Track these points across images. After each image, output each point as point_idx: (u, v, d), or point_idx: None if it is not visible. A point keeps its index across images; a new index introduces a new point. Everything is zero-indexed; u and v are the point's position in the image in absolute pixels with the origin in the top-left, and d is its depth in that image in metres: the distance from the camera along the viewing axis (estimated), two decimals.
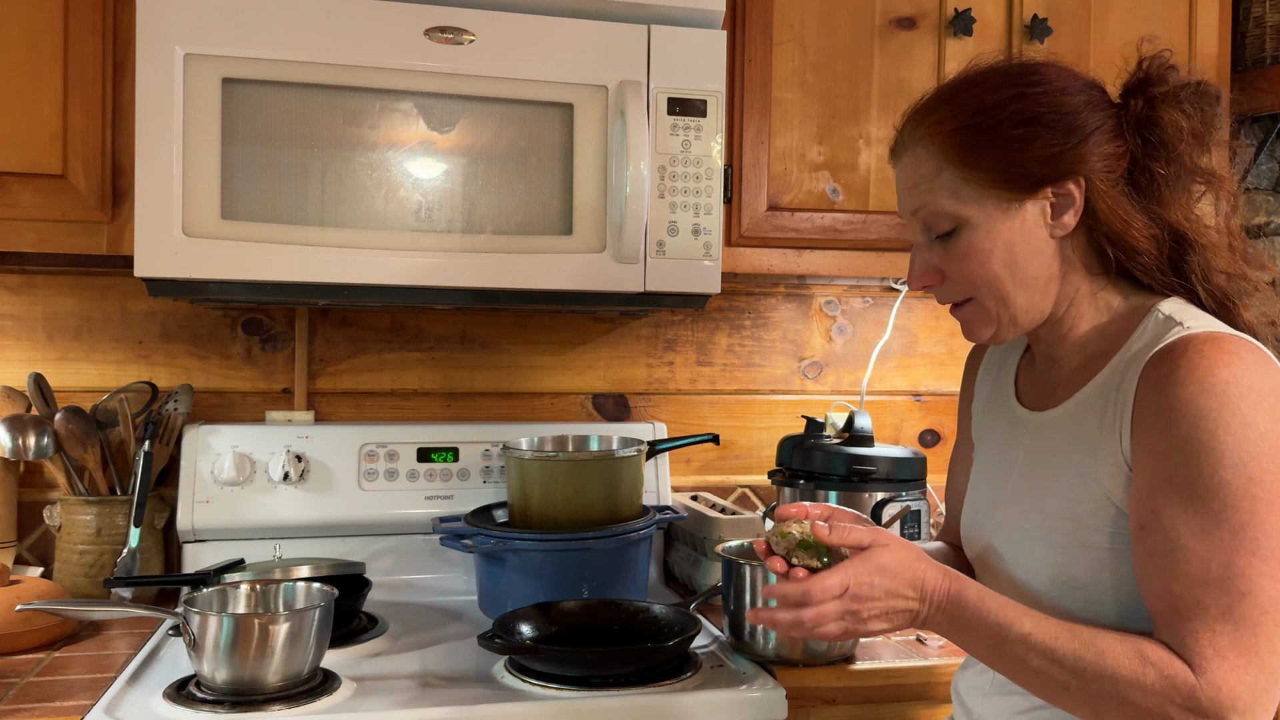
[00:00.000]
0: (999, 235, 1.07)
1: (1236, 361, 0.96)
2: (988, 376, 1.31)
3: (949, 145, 1.08)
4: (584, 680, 1.35)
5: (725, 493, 2.14)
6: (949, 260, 1.11)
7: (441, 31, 1.55)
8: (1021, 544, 1.12)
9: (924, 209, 1.11)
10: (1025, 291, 1.09)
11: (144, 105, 1.46)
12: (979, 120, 1.07)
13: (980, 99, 1.08)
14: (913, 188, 1.12)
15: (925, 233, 1.13)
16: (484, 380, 2.03)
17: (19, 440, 1.72)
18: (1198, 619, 0.94)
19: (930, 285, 1.14)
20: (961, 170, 1.07)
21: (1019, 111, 1.06)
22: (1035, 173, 1.05)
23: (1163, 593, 0.97)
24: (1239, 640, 0.92)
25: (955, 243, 1.09)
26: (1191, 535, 0.94)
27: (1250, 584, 0.92)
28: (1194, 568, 0.94)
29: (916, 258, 1.14)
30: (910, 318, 2.24)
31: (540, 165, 1.59)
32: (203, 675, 1.29)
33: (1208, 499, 0.94)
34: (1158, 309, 1.06)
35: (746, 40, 1.77)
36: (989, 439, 1.26)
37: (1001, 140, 1.06)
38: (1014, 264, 1.08)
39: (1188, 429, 0.95)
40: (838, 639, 1.08)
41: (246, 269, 1.50)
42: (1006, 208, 1.07)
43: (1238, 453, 0.93)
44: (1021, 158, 1.05)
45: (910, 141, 1.12)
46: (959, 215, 1.08)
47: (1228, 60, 1.97)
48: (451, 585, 1.86)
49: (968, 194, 1.07)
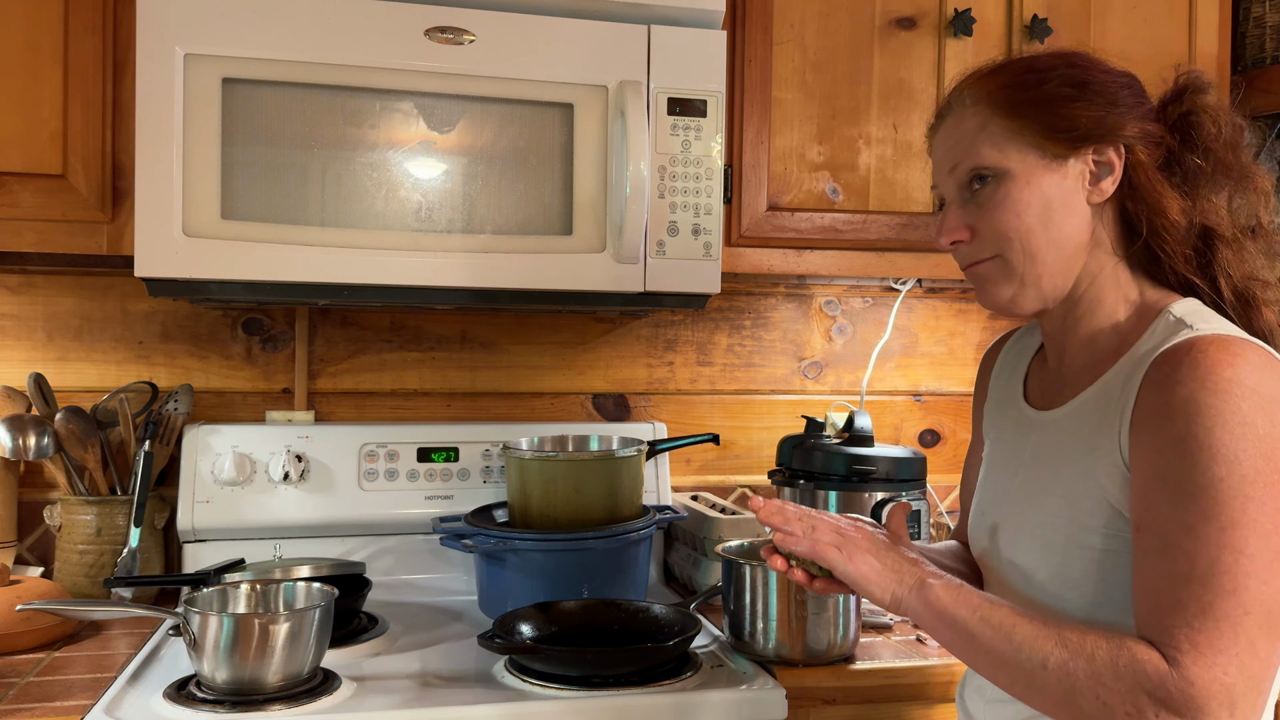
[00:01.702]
0: (1038, 188, 1.08)
1: (1241, 363, 0.95)
2: (1001, 376, 1.31)
3: (997, 99, 1.10)
4: (584, 680, 1.35)
5: (725, 493, 2.14)
6: (982, 214, 1.11)
7: (441, 31, 1.55)
8: (1020, 542, 1.13)
9: (963, 163, 1.11)
10: (1055, 251, 1.09)
11: (144, 105, 1.46)
12: (1029, 78, 1.10)
13: (1031, 63, 1.12)
14: (956, 143, 1.13)
15: (960, 190, 1.13)
16: (484, 380, 2.04)
17: (19, 440, 1.72)
18: (1177, 614, 0.92)
19: (960, 241, 1.13)
20: (1008, 122, 1.09)
21: (1068, 75, 1.09)
22: (1081, 129, 1.07)
23: (1148, 589, 0.95)
24: (1218, 638, 0.90)
25: (993, 193, 1.09)
26: (1180, 531, 0.93)
27: (1235, 583, 0.90)
28: (1180, 565, 0.93)
29: (948, 214, 1.14)
30: (910, 318, 2.24)
31: (540, 165, 1.59)
32: (203, 675, 1.29)
33: (1198, 495, 0.93)
34: (1169, 310, 1.06)
35: (746, 40, 1.77)
36: (998, 438, 1.26)
37: (1050, 95, 1.08)
38: (1049, 220, 1.08)
39: (1184, 425, 0.94)
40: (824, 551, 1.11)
41: (246, 269, 1.50)
42: (1049, 164, 1.08)
43: (1233, 450, 0.92)
44: (1068, 113, 1.07)
45: (955, 104, 1.14)
46: (1000, 166, 1.09)
47: (1228, 60, 1.97)
48: (451, 585, 1.86)
49: (1011, 147, 1.08)
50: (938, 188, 1.18)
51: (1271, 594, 0.91)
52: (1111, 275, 1.11)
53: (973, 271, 1.15)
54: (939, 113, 1.18)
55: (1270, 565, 0.91)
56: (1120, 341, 1.09)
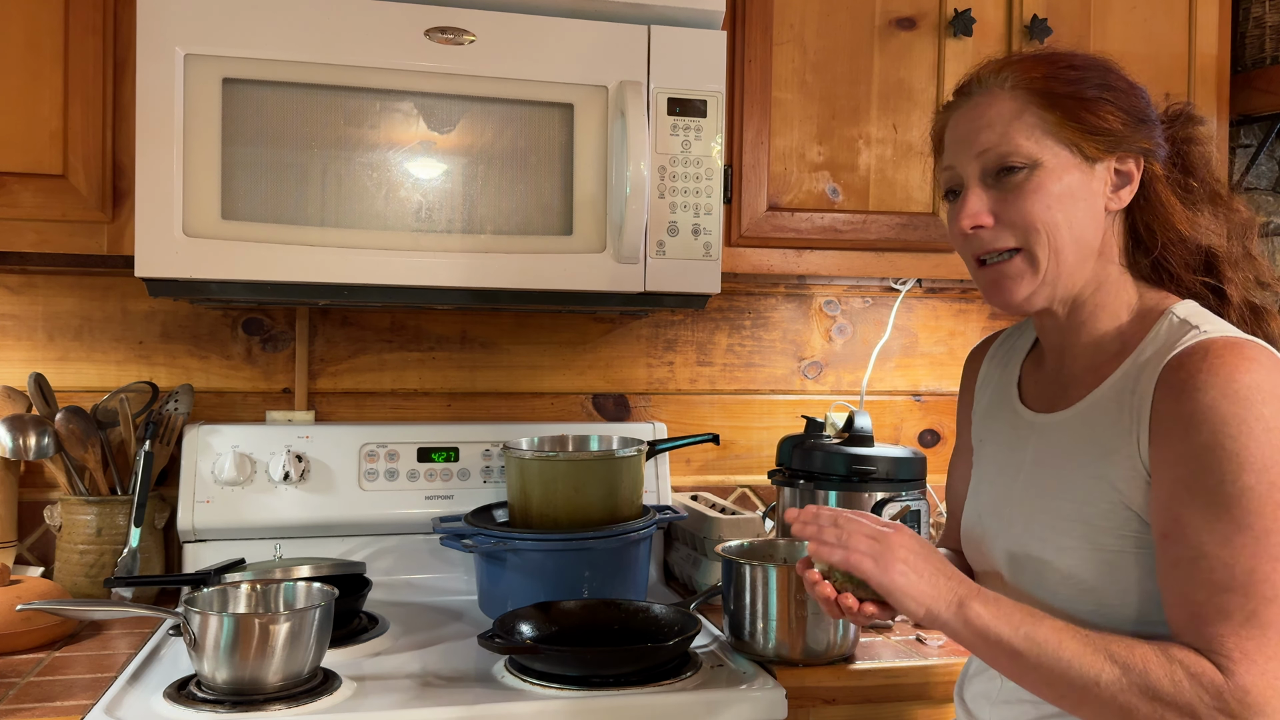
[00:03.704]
0: (1068, 184, 1.08)
1: (1257, 367, 0.96)
2: (989, 380, 1.30)
3: (1038, 89, 1.09)
4: (584, 680, 1.35)
5: (725, 493, 2.14)
6: (1008, 202, 1.08)
7: (441, 32, 1.55)
8: (1029, 547, 1.12)
9: (996, 147, 1.09)
10: (1075, 250, 1.09)
11: (144, 105, 1.46)
12: (1071, 75, 1.10)
13: (1071, 60, 1.12)
14: (986, 126, 1.10)
15: (985, 176, 1.10)
16: (484, 380, 2.04)
17: (19, 440, 1.72)
18: (1223, 624, 0.94)
19: (981, 226, 1.10)
20: (1046, 113, 1.08)
21: (1105, 81, 1.10)
22: (1114, 134, 1.08)
23: (1185, 600, 0.97)
24: (1265, 644, 0.92)
25: (1024, 182, 1.07)
26: (1215, 542, 0.94)
27: (1275, 589, 0.92)
28: (1218, 575, 0.94)
29: (970, 198, 1.10)
30: (910, 318, 2.24)
31: (540, 165, 1.59)
32: (203, 675, 1.29)
33: (1230, 505, 0.94)
34: (1171, 312, 1.07)
35: (746, 40, 1.77)
36: (992, 442, 1.25)
37: (1090, 96, 1.08)
38: (1073, 218, 1.08)
39: (1209, 435, 0.95)
40: (858, 561, 1.07)
41: (247, 269, 1.50)
42: (1080, 163, 1.08)
43: (1261, 459, 0.93)
44: (1106, 113, 1.08)
45: (990, 82, 1.12)
46: (1034, 156, 1.07)
47: (1227, 60, 1.97)
48: (451, 585, 1.86)
49: (1046, 140, 1.08)
50: (953, 168, 1.13)
51: None
52: (1116, 283, 1.12)
53: (988, 270, 1.11)
54: (963, 89, 1.15)
55: None
56: (1123, 344, 1.09)
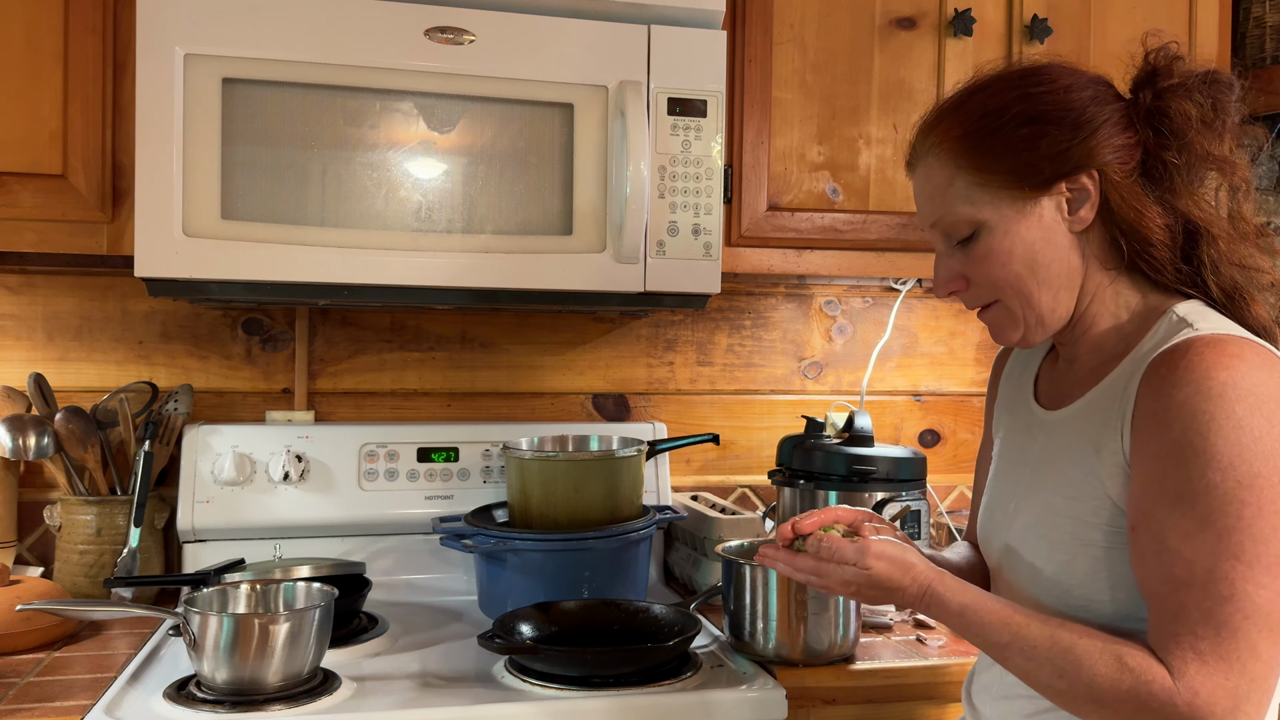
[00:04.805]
0: (1018, 235, 1.08)
1: (1237, 364, 0.96)
2: (1011, 377, 1.31)
3: (958, 150, 1.09)
4: (584, 680, 1.35)
5: (725, 493, 2.14)
6: (971, 265, 1.11)
7: (441, 31, 1.55)
8: (1027, 541, 1.13)
9: (943, 218, 1.12)
10: (1049, 290, 1.09)
11: (144, 105, 1.46)
12: (985, 124, 1.08)
13: (985, 103, 1.09)
14: (930, 198, 1.13)
15: (946, 241, 1.13)
16: (484, 380, 2.03)
17: (19, 440, 1.72)
18: (1179, 622, 0.94)
19: (956, 291, 1.15)
20: (973, 175, 1.08)
21: (1024, 112, 1.07)
22: (1046, 169, 1.06)
23: (1152, 594, 0.98)
24: (1219, 645, 0.92)
25: (975, 247, 1.10)
26: (1178, 537, 0.95)
27: (1233, 589, 0.92)
28: (1179, 570, 0.94)
29: (940, 266, 1.15)
30: (910, 318, 2.24)
31: (540, 165, 1.59)
32: (203, 675, 1.29)
33: (1195, 502, 0.94)
34: (1173, 310, 1.07)
35: (746, 40, 1.77)
36: (1007, 438, 1.27)
37: (1010, 141, 1.07)
38: (1035, 263, 1.08)
39: (1180, 431, 0.95)
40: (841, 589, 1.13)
41: (246, 269, 1.50)
42: (1022, 207, 1.07)
43: (1228, 456, 0.93)
44: (1031, 156, 1.06)
45: (922, 152, 1.14)
46: (976, 219, 1.09)
47: (1228, 61, 1.97)
48: (451, 585, 1.86)
49: (982, 198, 1.08)
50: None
51: (1270, 597, 0.92)
52: (1111, 289, 1.11)
53: (982, 317, 1.16)
54: (908, 160, 1.18)
55: (1269, 569, 0.93)
56: (1125, 344, 1.09)
